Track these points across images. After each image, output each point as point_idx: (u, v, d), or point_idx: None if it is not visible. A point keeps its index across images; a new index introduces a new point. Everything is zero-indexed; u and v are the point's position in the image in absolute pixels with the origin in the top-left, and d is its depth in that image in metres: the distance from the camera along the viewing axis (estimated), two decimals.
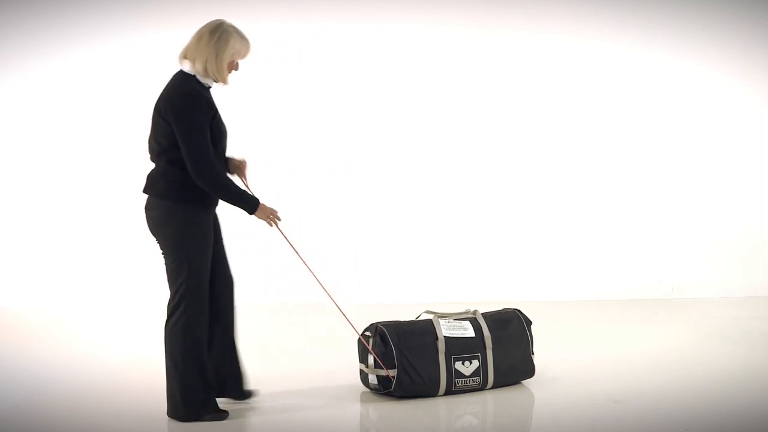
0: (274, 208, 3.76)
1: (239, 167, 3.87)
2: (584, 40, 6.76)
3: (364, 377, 4.12)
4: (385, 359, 3.99)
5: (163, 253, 3.65)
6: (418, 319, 4.22)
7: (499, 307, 4.41)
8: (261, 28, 6.53)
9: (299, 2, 6.57)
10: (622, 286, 6.83)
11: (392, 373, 3.97)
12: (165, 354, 3.65)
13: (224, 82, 3.62)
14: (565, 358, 4.78)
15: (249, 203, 3.65)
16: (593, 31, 6.76)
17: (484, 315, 4.24)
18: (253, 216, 3.71)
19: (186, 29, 3.74)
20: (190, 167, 3.49)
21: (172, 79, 3.61)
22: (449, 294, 6.51)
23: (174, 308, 3.60)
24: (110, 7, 6.37)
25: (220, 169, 3.59)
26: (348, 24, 6.64)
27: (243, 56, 3.65)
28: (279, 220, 3.77)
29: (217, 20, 3.64)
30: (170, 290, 3.63)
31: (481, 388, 4.11)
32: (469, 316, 4.23)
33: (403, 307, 4.88)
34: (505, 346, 4.15)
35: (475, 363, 4.08)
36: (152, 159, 3.64)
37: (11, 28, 6.44)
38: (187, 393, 3.62)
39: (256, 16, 6.51)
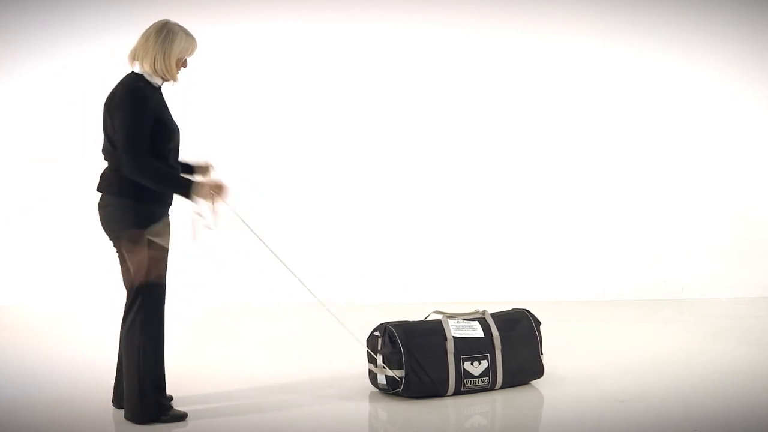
0: (218, 183, 3.62)
1: (203, 171, 3.83)
2: (586, 40, 6.76)
3: (372, 377, 4.11)
4: (393, 359, 3.98)
5: (117, 252, 3.63)
6: (427, 319, 4.21)
7: (508, 307, 4.41)
8: (261, 27, 6.56)
9: (299, 2, 6.56)
10: (630, 287, 6.82)
11: (399, 374, 3.96)
12: (122, 355, 3.63)
13: (174, 79, 3.65)
14: (573, 358, 4.78)
15: (183, 187, 3.56)
16: (594, 31, 6.76)
17: (493, 315, 4.24)
18: (197, 200, 3.57)
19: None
20: (123, 161, 3.48)
21: (121, 79, 3.63)
22: (458, 294, 6.51)
23: (129, 307, 3.59)
24: (108, 7, 6.39)
25: (154, 162, 3.51)
26: (348, 24, 6.63)
27: (190, 53, 3.68)
28: (220, 195, 3.61)
29: (162, 20, 3.67)
30: (126, 288, 3.62)
31: (490, 388, 4.10)
32: (478, 316, 4.22)
33: (411, 307, 4.88)
34: (513, 346, 4.15)
35: (484, 363, 4.07)
36: (105, 158, 3.64)
37: (9, 28, 6.44)
38: (145, 394, 3.60)
39: (256, 16, 6.53)
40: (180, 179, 3.60)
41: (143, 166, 3.47)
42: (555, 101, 6.79)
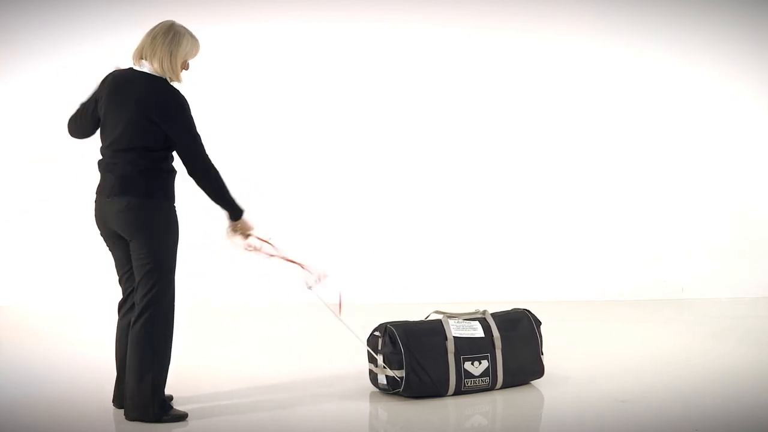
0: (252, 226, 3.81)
1: None
2: (586, 40, 6.76)
3: (373, 377, 4.11)
4: (393, 359, 3.98)
5: (142, 253, 3.60)
6: (428, 319, 4.21)
7: (508, 307, 4.40)
8: (261, 27, 6.56)
9: (299, 2, 6.55)
10: (630, 287, 6.83)
11: (399, 374, 3.96)
12: (131, 354, 3.61)
13: (178, 80, 3.69)
14: (574, 358, 4.78)
15: (237, 209, 3.73)
16: (594, 31, 6.76)
17: (494, 315, 4.23)
18: (227, 228, 3.76)
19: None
20: (196, 160, 3.62)
21: (146, 81, 3.61)
22: (458, 294, 6.50)
23: (145, 308, 3.59)
24: (108, 7, 6.39)
25: None
26: (348, 24, 6.63)
27: (193, 56, 3.73)
28: (250, 245, 3.82)
29: (168, 21, 3.70)
30: (141, 289, 3.61)
31: (491, 388, 4.10)
32: (479, 316, 4.22)
33: (412, 307, 4.87)
34: (514, 346, 4.14)
35: (485, 363, 4.07)
36: (121, 159, 3.61)
37: (9, 28, 6.44)
38: (158, 391, 3.61)
39: (256, 16, 6.53)
40: (235, 199, 3.72)
41: (217, 171, 3.65)
42: (555, 101, 6.79)
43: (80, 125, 3.79)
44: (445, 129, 6.75)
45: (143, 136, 3.57)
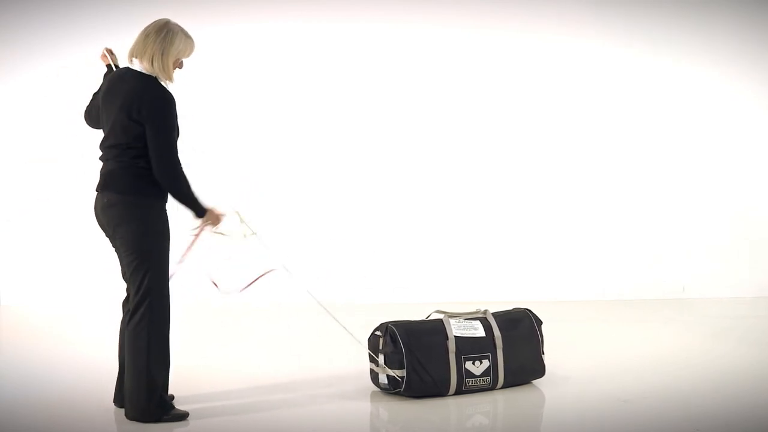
0: (219, 214, 3.77)
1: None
2: (586, 40, 6.76)
3: (374, 377, 4.11)
4: (394, 359, 3.97)
5: (124, 251, 3.61)
6: (429, 318, 4.21)
7: (509, 307, 4.40)
8: (261, 27, 6.56)
9: (299, 2, 6.55)
10: (630, 287, 6.82)
11: (400, 373, 3.96)
12: (126, 354, 3.61)
13: (170, 79, 3.67)
14: (574, 357, 4.78)
15: (200, 208, 3.69)
16: (594, 32, 6.76)
17: (495, 315, 4.23)
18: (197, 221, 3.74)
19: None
20: (161, 162, 3.56)
21: (133, 79, 3.61)
22: (459, 294, 6.51)
23: (137, 306, 3.58)
24: (108, 7, 6.39)
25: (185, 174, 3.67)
26: (348, 24, 6.63)
27: (187, 55, 3.71)
28: (215, 224, 3.77)
29: (163, 19, 3.69)
30: (131, 288, 3.61)
31: (492, 387, 4.10)
32: (480, 315, 4.22)
33: (412, 307, 4.88)
34: (515, 345, 4.14)
35: (486, 363, 4.07)
36: (110, 156, 3.63)
37: (9, 28, 6.44)
38: (153, 392, 3.60)
39: (256, 16, 6.53)
40: (197, 199, 3.68)
41: (182, 176, 3.59)
42: (555, 101, 6.79)
43: (93, 117, 3.85)
44: (446, 129, 6.75)
45: (126, 133, 3.57)
